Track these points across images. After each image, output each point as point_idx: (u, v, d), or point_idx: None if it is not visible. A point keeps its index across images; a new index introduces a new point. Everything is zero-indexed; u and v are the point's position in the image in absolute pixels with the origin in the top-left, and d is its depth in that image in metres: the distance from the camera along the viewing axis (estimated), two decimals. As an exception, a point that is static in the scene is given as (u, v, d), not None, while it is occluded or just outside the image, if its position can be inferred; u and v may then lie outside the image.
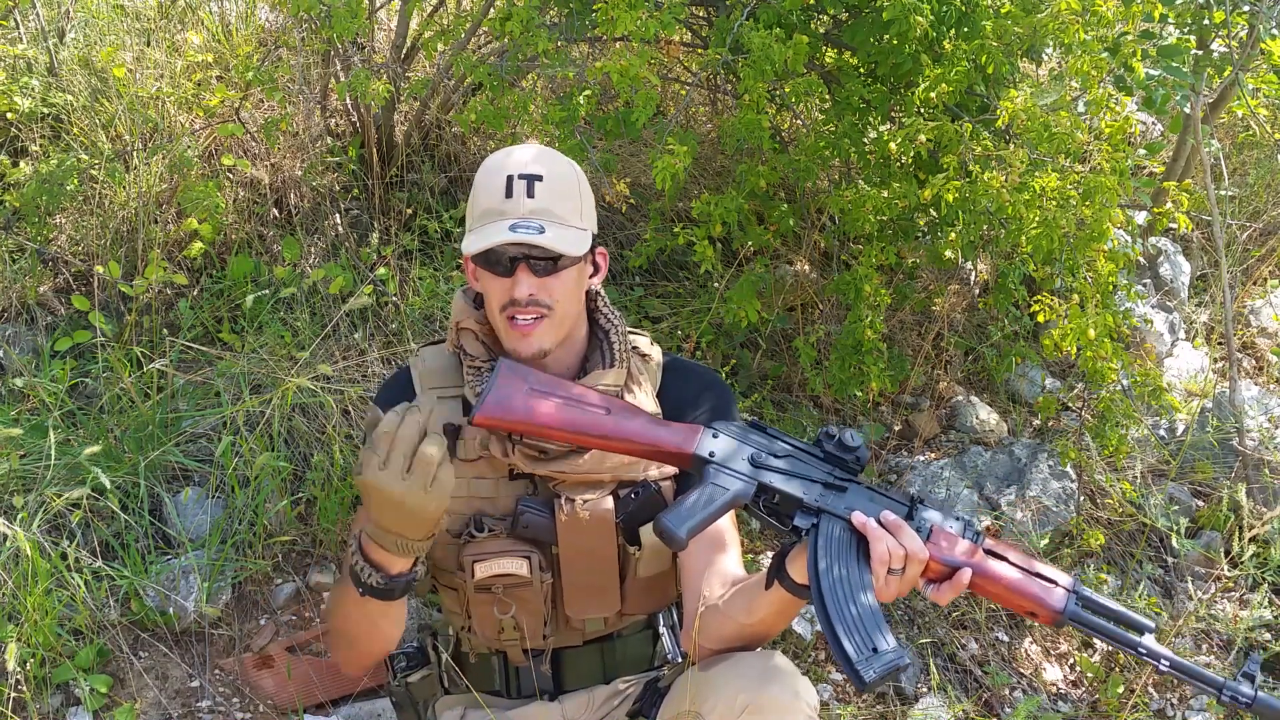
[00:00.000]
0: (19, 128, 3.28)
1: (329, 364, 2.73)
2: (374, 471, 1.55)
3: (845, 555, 1.58)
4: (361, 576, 1.65)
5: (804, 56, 2.79)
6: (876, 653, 1.54)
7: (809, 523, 1.61)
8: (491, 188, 1.72)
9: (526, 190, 1.70)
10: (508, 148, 1.82)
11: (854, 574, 1.57)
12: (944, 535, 1.60)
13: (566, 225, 1.72)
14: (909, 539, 1.56)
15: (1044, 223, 2.70)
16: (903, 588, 1.58)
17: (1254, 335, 4.14)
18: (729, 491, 1.64)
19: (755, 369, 3.32)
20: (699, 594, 1.76)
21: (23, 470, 2.49)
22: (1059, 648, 2.97)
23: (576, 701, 1.88)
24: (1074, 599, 1.57)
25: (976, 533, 1.61)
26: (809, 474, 1.65)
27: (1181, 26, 3.26)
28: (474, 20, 3.15)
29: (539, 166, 1.72)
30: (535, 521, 1.76)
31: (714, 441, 1.67)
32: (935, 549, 1.58)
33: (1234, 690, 1.53)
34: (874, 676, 1.52)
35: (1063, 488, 3.19)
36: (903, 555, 1.56)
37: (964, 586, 1.57)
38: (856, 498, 1.62)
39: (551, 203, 1.71)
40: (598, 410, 1.67)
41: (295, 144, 3.41)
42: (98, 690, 2.34)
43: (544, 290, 1.72)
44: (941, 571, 1.58)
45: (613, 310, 1.86)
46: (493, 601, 1.79)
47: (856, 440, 1.66)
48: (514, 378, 1.67)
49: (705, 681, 1.66)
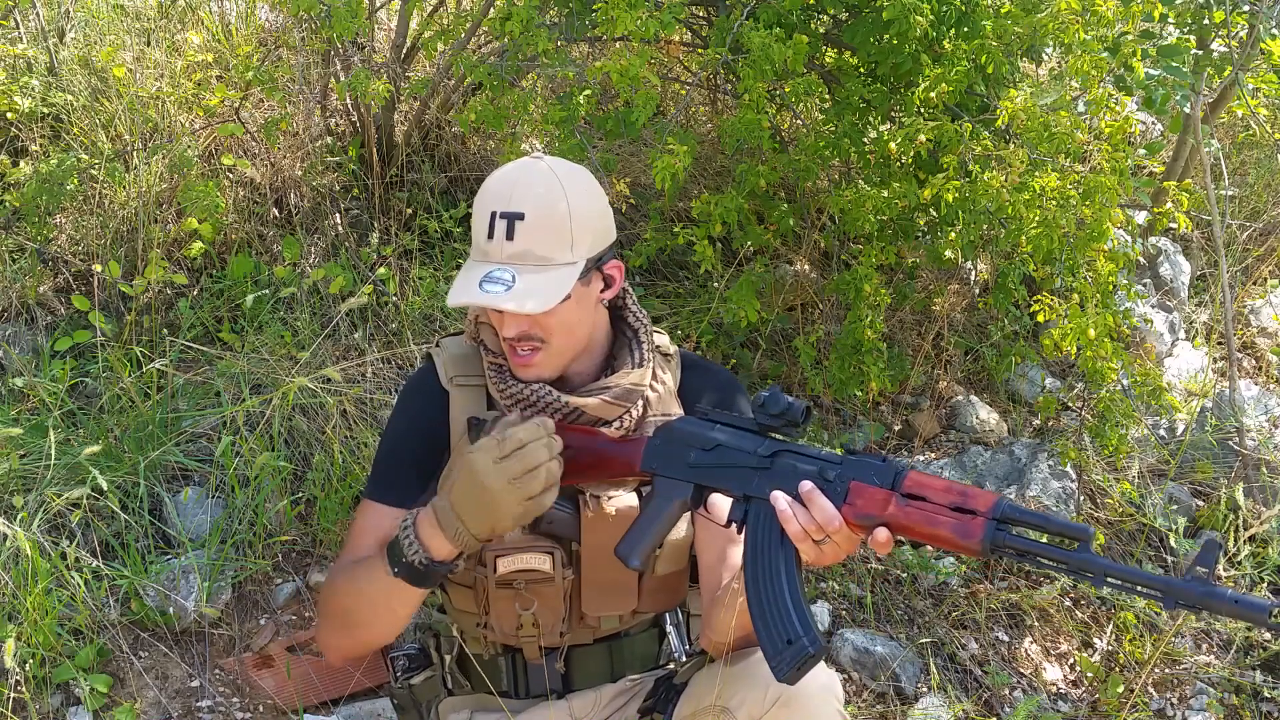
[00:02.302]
0: (19, 128, 3.28)
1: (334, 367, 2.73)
2: (486, 460, 1.57)
3: (770, 539, 1.55)
4: (406, 552, 1.64)
5: (804, 56, 2.80)
6: (789, 644, 1.50)
7: (741, 512, 1.58)
8: (479, 222, 1.70)
9: (506, 232, 1.66)
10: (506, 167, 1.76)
11: (776, 559, 1.54)
12: (860, 491, 1.52)
13: (546, 267, 1.67)
14: (819, 509, 1.51)
15: (1044, 222, 2.70)
16: (841, 550, 1.53)
17: (1254, 335, 4.14)
18: (669, 502, 1.62)
19: (755, 369, 3.32)
20: (713, 587, 1.76)
21: (23, 470, 2.49)
22: (1059, 648, 2.98)
23: (584, 700, 1.87)
24: (993, 526, 1.44)
25: (897, 474, 1.52)
26: (739, 460, 1.60)
27: (1181, 26, 3.26)
28: (474, 20, 3.15)
29: (524, 202, 1.67)
30: (559, 518, 1.76)
31: (658, 450, 1.65)
32: (850, 509, 1.51)
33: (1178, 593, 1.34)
34: (785, 671, 1.49)
35: (1063, 487, 3.19)
36: (817, 527, 1.51)
37: (886, 541, 1.50)
38: (781, 472, 1.57)
39: (532, 243, 1.67)
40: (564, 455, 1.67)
41: (295, 144, 3.41)
42: (98, 690, 2.34)
43: (535, 326, 1.70)
44: (864, 529, 1.52)
45: (640, 310, 1.86)
46: (513, 597, 1.79)
47: (780, 404, 1.58)
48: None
49: (733, 676, 1.65)
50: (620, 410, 1.75)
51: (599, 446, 1.71)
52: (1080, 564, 1.40)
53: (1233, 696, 2.84)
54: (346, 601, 1.76)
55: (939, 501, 1.48)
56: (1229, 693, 2.85)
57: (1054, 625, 2.99)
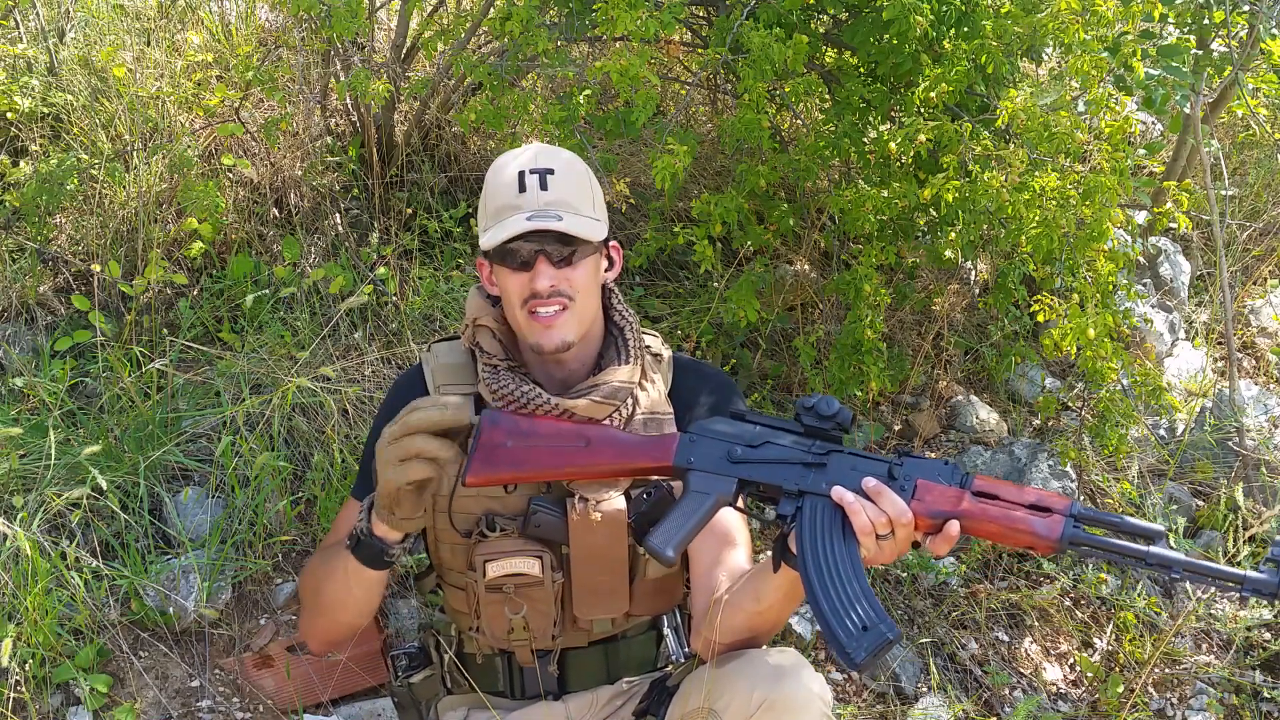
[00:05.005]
0: (19, 128, 3.28)
1: (330, 366, 2.73)
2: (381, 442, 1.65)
3: (831, 533, 1.57)
4: (356, 527, 1.73)
5: (804, 56, 2.80)
6: (865, 630, 1.52)
7: (793, 508, 1.60)
8: (503, 185, 1.73)
9: (540, 183, 1.71)
10: (512, 150, 1.83)
11: (840, 552, 1.56)
12: (929, 489, 1.56)
13: (582, 215, 1.73)
14: (889, 503, 1.54)
15: (1044, 222, 2.70)
16: (899, 548, 1.56)
17: (1254, 335, 4.14)
18: (710, 496, 1.63)
19: (755, 369, 3.32)
20: (709, 590, 1.76)
21: (23, 470, 2.49)
22: (1059, 647, 2.98)
23: (580, 702, 1.88)
24: (1070, 522, 1.51)
25: (965, 475, 1.57)
26: (789, 456, 1.62)
27: (1181, 26, 3.26)
28: (474, 20, 3.15)
29: (550, 161, 1.75)
30: (547, 521, 1.77)
31: (691, 447, 1.66)
32: (920, 505, 1.55)
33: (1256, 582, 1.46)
34: (864, 656, 1.51)
35: (1063, 487, 3.19)
36: (886, 521, 1.53)
37: (956, 536, 1.54)
38: (838, 470, 1.59)
39: (566, 194, 1.72)
40: (576, 445, 1.69)
41: (295, 144, 3.41)
42: (98, 690, 2.33)
43: (564, 281, 1.73)
44: (932, 525, 1.55)
45: (626, 307, 1.87)
46: (503, 601, 1.79)
47: (832, 407, 1.62)
48: (495, 431, 1.69)
49: (720, 678, 1.66)
50: (610, 409, 1.76)
51: (622, 440, 1.71)
52: (1158, 560, 1.48)
53: (1233, 696, 2.84)
54: (315, 583, 1.85)
55: (1015, 500, 1.55)
56: (1229, 693, 2.85)
57: (1054, 625, 2.99)
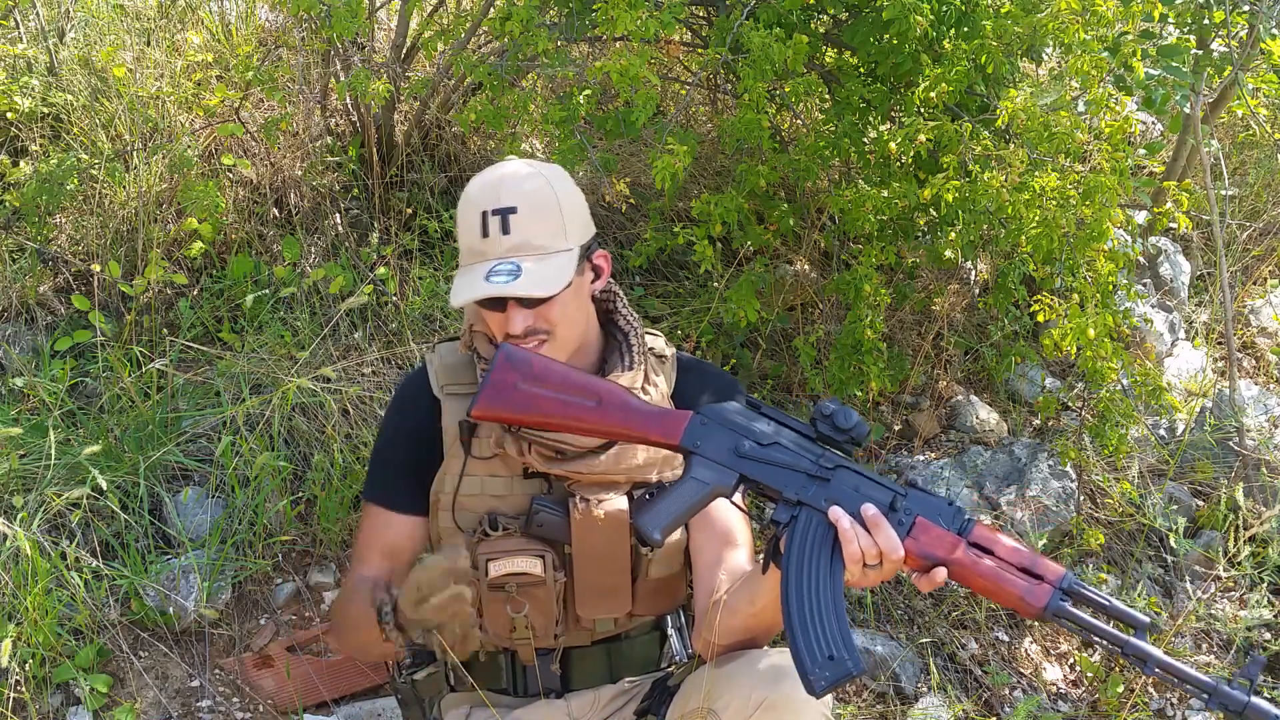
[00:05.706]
0: (19, 128, 3.28)
1: (330, 366, 2.73)
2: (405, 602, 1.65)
3: (819, 551, 1.55)
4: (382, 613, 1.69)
5: (804, 56, 2.79)
6: (831, 660, 1.51)
7: (787, 515, 1.58)
8: (468, 226, 1.73)
9: (501, 227, 1.69)
10: (484, 173, 1.79)
11: (823, 573, 1.54)
12: (927, 529, 1.55)
13: (547, 255, 1.70)
14: (884, 537, 1.53)
15: (1044, 222, 2.70)
16: (884, 577, 1.56)
17: (1254, 335, 4.14)
18: (707, 486, 1.61)
19: (755, 369, 3.32)
20: (710, 590, 1.76)
21: (23, 470, 2.49)
22: (1059, 647, 2.98)
23: (583, 700, 1.88)
24: (1058, 595, 1.52)
25: (966, 522, 1.56)
26: (796, 462, 1.60)
27: (1181, 26, 3.26)
28: (474, 20, 3.15)
29: (512, 196, 1.71)
30: (550, 520, 1.76)
31: (701, 430, 1.63)
32: (914, 544, 1.54)
33: (1224, 696, 1.46)
34: (824, 686, 1.51)
35: (1062, 487, 3.19)
36: (876, 554, 1.52)
37: (941, 583, 1.54)
38: (840, 488, 1.57)
39: (529, 234, 1.70)
40: (588, 401, 1.66)
41: (295, 144, 3.41)
42: (98, 690, 2.34)
43: (540, 319, 1.72)
44: (922, 565, 1.55)
45: (631, 311, 1.86)
46: (505, 600, 1.79)
47: (850, 420, 1.59)
48: (509, 370, 1.67)
49: (720, 679, 1.66)
50: None
51: (634, 407, 1.68)
52: (1135, 651, 1.50)
53: (1233, 696, 2.84)
54: (348, 621, 1.84)
55: (1008, 559, 1.54)
56: (1229, 693, 2.85)
57: (1054, 625, 2.99)
